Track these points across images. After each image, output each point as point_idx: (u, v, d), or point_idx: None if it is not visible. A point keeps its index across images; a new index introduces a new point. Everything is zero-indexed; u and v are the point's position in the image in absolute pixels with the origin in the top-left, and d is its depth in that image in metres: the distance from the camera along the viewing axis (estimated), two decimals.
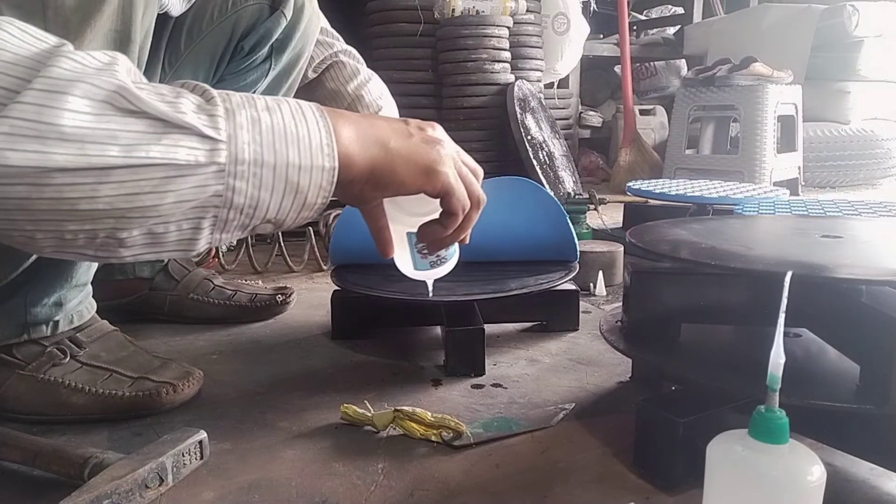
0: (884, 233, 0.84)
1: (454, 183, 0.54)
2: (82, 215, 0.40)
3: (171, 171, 0.40)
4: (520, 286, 0.94)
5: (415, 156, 0.52)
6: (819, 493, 0.41)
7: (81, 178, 0.38)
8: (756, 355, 0.45)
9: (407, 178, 0.51)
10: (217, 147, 0.42)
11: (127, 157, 0.39)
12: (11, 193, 0.38)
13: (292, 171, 0.45)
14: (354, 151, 0.49)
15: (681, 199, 1.60)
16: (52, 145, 0.37)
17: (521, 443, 0.70)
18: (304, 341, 1.02)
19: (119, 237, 0.42)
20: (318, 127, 0.47)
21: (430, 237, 0.58)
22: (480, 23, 2.20)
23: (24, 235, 0.40)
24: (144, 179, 0.40)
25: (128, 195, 0.40)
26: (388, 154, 0.50)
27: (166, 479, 0.60)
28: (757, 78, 2.47)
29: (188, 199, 0.42)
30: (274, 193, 0.45)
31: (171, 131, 0.41)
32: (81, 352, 0.77)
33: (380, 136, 0.51)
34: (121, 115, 0.39)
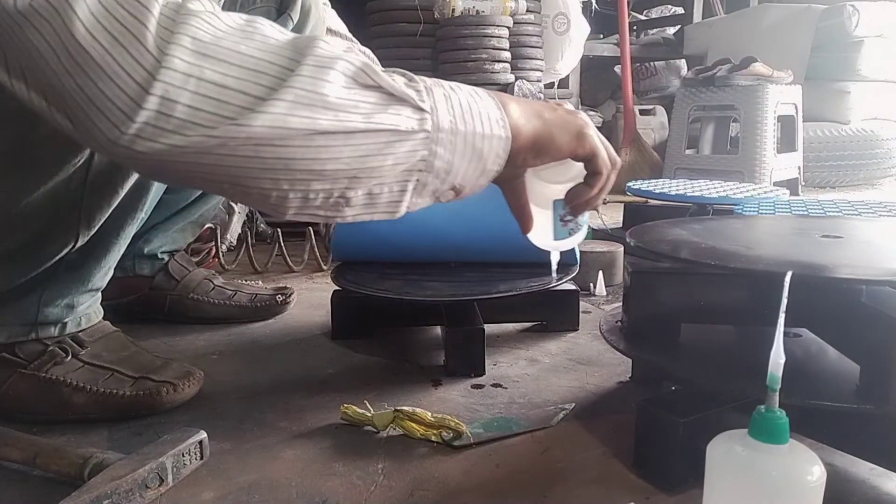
0: (884, 233, 0.84)
1: (600, 144, 0.60)
2: (327, 174, 0.46)
3: (394, 136, 0.47)
4: (520, 286, 0.94)
5: (566, 124, 0.58)
6: (819, 493, 0.41)
7: (333, 140, 0.45)
8: (756, 355, 0.45)
9: (563, 143, 0.57)
10: (424, 117, 0.49)
11: (366, 122, 0.46)
12: (284, 154, 0.44)
13: (478, 140, 0.51)
14: (521, 123, 0.54)
15: (681, 199, 1.60)
16: (319, 112, 0.44)
17: (521, 443, 0.70)
18: (304, 341, 1.02)
19: (348, 196, 0.49)
20: (491, 104, 0.53)
21: (577, 198, 0.63)
22: (480, 23, 2.20)
23: (280, 195, 0.47)
24: (374, 142, 0.47)
25: (362, 156, 0.47)
26: (546, 124, 0.56)
27: (166, 479, 0.60)
28: (757, 78, 2.47)
29: (402, 162, 0.49)
30: (463, 159, 0.51)
31: (394, 102, 0.48)
32: (83, 351, 0.77)
33: (535, 110, 0.57)
34: (362, 88, 0.47)
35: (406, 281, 0.97)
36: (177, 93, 0.41)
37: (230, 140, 0.43)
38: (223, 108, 0.42)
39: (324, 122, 0.44)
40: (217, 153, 0.43)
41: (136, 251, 1.07)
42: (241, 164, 0.44)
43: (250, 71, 0.43)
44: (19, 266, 0.70)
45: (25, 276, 0.71)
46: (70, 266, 0.74)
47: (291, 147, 0.44)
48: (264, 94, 0.43)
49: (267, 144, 0.44)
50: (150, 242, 1.07)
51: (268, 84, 0.43)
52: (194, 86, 0.42)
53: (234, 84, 0.43)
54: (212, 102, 0.42)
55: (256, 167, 0.45)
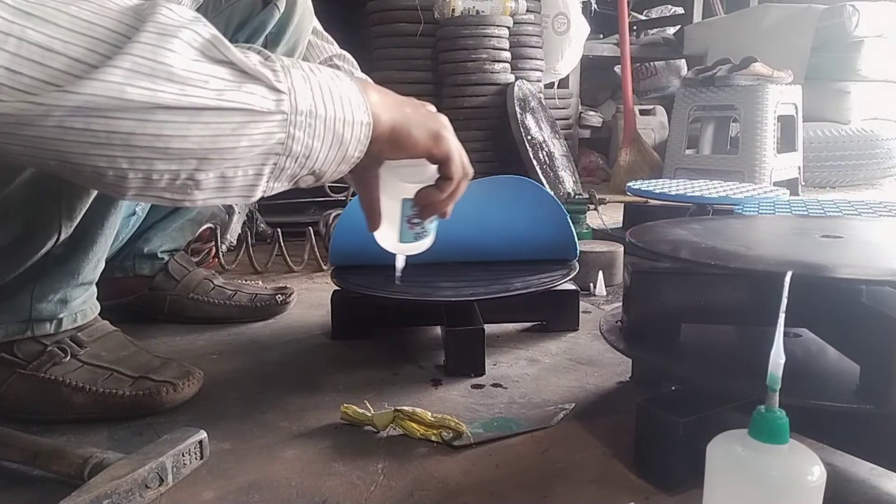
0: (884, 233, 0.84)
1: (455, 150, 0.59)
2: (173, 153, 0.43)
3: (248, 116, 0.44)
4: (520, 286, 0.94)
5: (426, 121, 0.57)
6: (819, 493, 0.41)
7: (178, 116, 0.42)
8: (756, 355, 0.45)
9: (419, 140, 0.56)
10: (281, 98, 0.46)
11: (217, 99, 0.43)
12: (119, 127, 0.40)
13: (339, 124, 0.50)
14: (380, 112, 0.53)
15: (681, 199, 1.60)
16: (161, 84, 0.40)
17: (521, 443, 0.70)
18: (304, 341, 1.02)
19: (197, 179, 0.45)
20: (353, 88, 0.52)
21: (426, 200, 0.62)
22: (480, 23, 2.20)
23: (117, 174, 0.43)
24: (226, 122, 0.44)
25: (212, 136, 0.43)
26: (406, 117, 0.55)
27: (166, 479, 0.60)
28: (757, 78, 2.47)
29: (258, 145, 0.46)
30: (324, 144, 0.49)
31: (249, 80, 0.44)
32: (82, 351, 0.77)
33: (397, 102, 0.56)
34: (211, 62, 0.43)
35: (406, 281, 0.97)
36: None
37: (55, 109, 0.39)
38: (48, 74, 0.38)
39: (166, 96, 0.41)
40: (39, 124, 0.39)
41: (136, 251, 1.07)
42: (69, 138, 0.40)
43: (81, 35, 0.39)
44: (7, 262, 0.70)
45: (14, 272, 0.71)
46: (58, 260, 0.73)
47: (129, 121, 0.40)
48: (97, 62, 0.39)
49: (99, 116, 0.40)
50: (150, 242, 1.07)
51: (102, 51, 0.39)
52: (14, 46, 0.37)
53: (62, 48, 0.38)
54: (34, 66, 0.38)
55: (88, 141, 0.40)
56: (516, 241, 1.06)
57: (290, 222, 1.70)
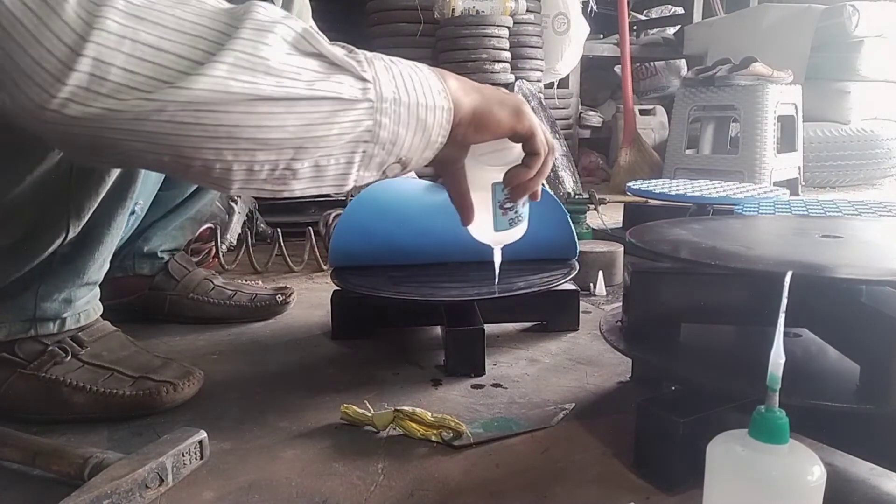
0: (884, 233, 0.84)
1: (538, 124, 0.60)
2: (272, 144, 0.45)
3: (338, 105, 0.46)
4: (523, 285, 0.94)
5: (505, 100, 0.58)
6: (819, 493, 0.41)
7: (276, 107, 0.44)
8: (756, 355, 0.45)
9: (502, 119, 0.57)
10: (367, 86, 0.48)
11: (309, 90, 0.45)
12: (226, 120, 0.43)
13: (422, 110, 0.51)
14: (460, 96, 0.55)
15: (681, 199, 1.60)
16: (260, 77, 0.43)
17: (521, 443, 0.70)
18: (304, 341, 1.02)
19: (294, 168, 0.48)
20: (432, 76, 0.53)
21: (516, 180, 0.63)
22: (480, 23, 2.20)
23: (224, 167, 0.45)
24: (318, 111, 0.46)
25: (306, 125, 0.46)
26: (485, 99, 0.57)
27: (166, 479, 0.60)
28: (757, 78, 2.47)
29: (347, 132, 0.48)
30: (409, 130, 0.51)
31: (337, 71, 0.47)
32: (83, 351, 0.77)
33: (475, 86, 0.57)
34: (303, 55, 0.45)
35: (406, 281, 0.97)
36: (111, 55, 0.40)
37: (169, 104, 0.41)
38: (160, 72, 0.41)
39: (266, 88, 0.43)
40: (155, 119, 0.41)
41: (136, 250, 1.07)
42: (181, 132, 0.42)
43: (187, 35, 0.42)
44: (13, 261, 0.70)
45: (20, 270, 0.71)
46: (64, 259, 0.74)
47: (234, 113, 0.43)
48: (202, 59, 0.42)
49: (207, 110, 0.42)
50: (150, 241, 1.07)
51: (206, 48, 0.42)
52: (129, 48, 0.40)
53: (171, 47, 0.41)
54: (148, 65, 0.40)
55: (197, 134, 0.43)
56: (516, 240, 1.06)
57: (290, 222, 1.70)
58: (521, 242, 1.07)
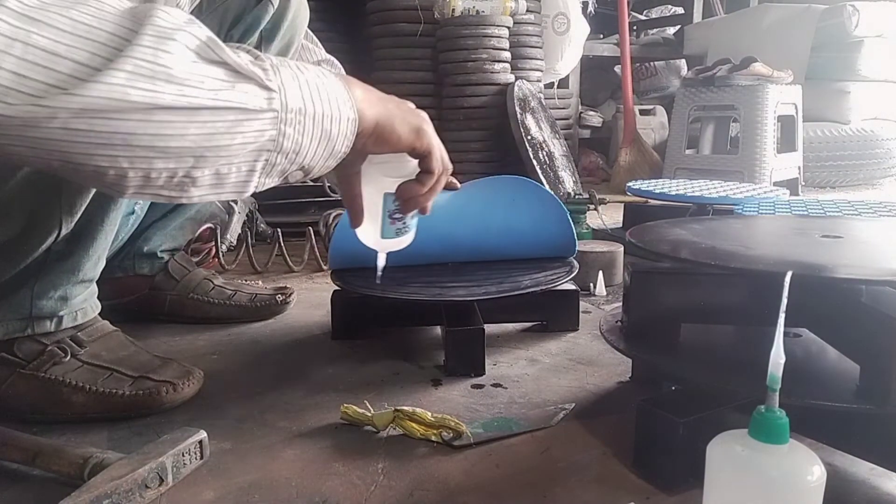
0: (884, 233, 0.84)
1: (437, 144, 0.62)
2: (171, 152, 0.44)
3: (242, 114, 0.46)
4: (520, 286, 0.94)
5: (408, 116, 0.59)
6: (819, 493, 0.41)
7: (177, 116, 0.43)
8: (756, 355, 0.45)
9: (402, 135, 0.58)
10: (272, 96, 0.47)
11: (213, 99, 0.44)
12: (121, 128, 0.42)
13: (326, 121, 0.51)
14: (364, 108, 0.55)
15: (681, 199, 1.60)
16: (160, 85, 0.42)
17: (521, 443, 0.70)
18: (304, 341, 1.02)
19: (193, 176, 0.47)
20: (339, 85, 0.53)
21: (407, 194, 0.64)
22: (480, 23, 2.20)
23: (118, 173, 0.44)
24: (222, 121, 0.45)
25: (208, 134, 0.45)
26: (389, 113, 0.57)
27: (166, 479, 0.60)
28: (757, 78, 2.47)
29: (251, 142, 0.47)
30: (312, 140, 0.51)
31: (241, 80, 0.46)
32: (82, 351, 0.77)
33: (380, 98, 0.58)
34: (206, 63, 0.44)
35: (411, 282, 0.97)
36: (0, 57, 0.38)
37: (61, 111, 0.40)
38: (53, 77, 0.39)
39: (167, 97, 0.42)
40: (46, 126, 0.40)
41: (136, 250, 1.07)
42: (73, 139, 0.41)
43: (84, 39, 0.40)
44: (7, 258, 0.70)
45: (15, 268, 0.71)
46: (59, 256, 0.74)
47: (131, 121, 0.42)
48: (100, 65, 0.40)
49: (102, 117, 0.41)
50: (149, 241, 1.07)
51: (104, 54, 0.40)
52: (20, 51, 0.38)
53: (66, 52, 0.39)
54: (40, 70, 0.39)
55: (91, 142, 0.41)
56: (515, 239, 1.07)
57: (290, 222, 1.70)
58: (521, 242, 1.08)
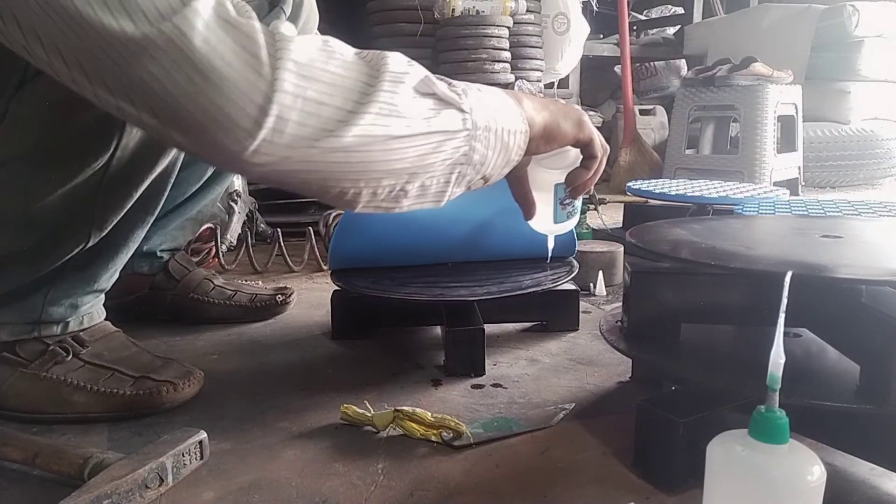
0: (884, 233, 0.84)
1: (595, 131, 0.68)
2: (395, 172, 0.53)
3: (445, 136, 0.54)
4: (521, 286, 0.94)
5: (567, 113, 0.66)
6: (819, 493, 0.41)
7: (402, 143, 0.52)
8: (756, 355, 0.45)
9: (567, 130, 0.65)
10: (466, 117, 0.55)
11: (427, 126, 0.53)
12: (367, 158, 0.51)
13: (506, 135, 0.59)
14: (533, 116, 0.62)
15: (681, 199, 1.60)
16: (394, 120, 0.51)
17: (521, 443, 0.70)
18: (304, 341, 1.02)
19: (406, 189, 0.55)
20: (511, 102, 0.60)
21: (577, 180, 0.71)
22: (480, 23, 2.20)
23: (356, 192, 0.53)
24: (432, 142, 0.53)
25: (422, 155, 0.53)
26: (552, 115, 0.64)
27: (166, 479, 0.60)
28: (757, 78, 2.47)
29: (449, 158, 0.55)
30: (495, 152, 0.58)
31: (445, 106, 0.54)
32: (84, 350, 0.77)
33: (542, 103, 0.65)
34: (422, 96, 0.53)
35: (406, 281, 0.97)
36: (288, 112, 0.46)
37: (329, 150, 0.49)
38: (323, 122, 0.48)
39: (397, 129, 0.51)
40: (315, 160, 0.49)
41: (136, 250, 1.07)
42: (332, 169, 0.50)
43: (339, 87, 0.49)
44: (30, 265, 0.71)
45: (35, 274, 0.72)
46: (77, 266, 0.74)
47: (373, 151, 0.50)
48: (353, 108, 0.49)
49: (355, 151, 0.50)
50: (149, 240, 1.07)
51: (355, 99, 0.49)
52: (301, 104, 0.47)
53: (329, 100, 0.48)
54: (314, 118, 0.47)
55: (344, 170, 0.50)
56: (515, 239, 1.06)
57: (290, 222, 1.70)
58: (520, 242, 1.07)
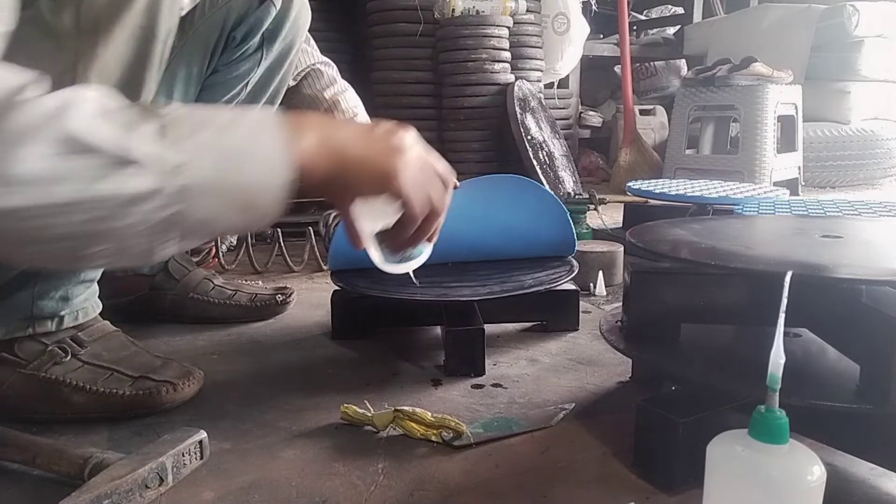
0: (884, 233, 0.84)
1: (411, 192, 0.56)
2: (60, 237, 0.44)
3: (125, 199, 0.43)
4: (523, 286, 0.94)
5: (373, 164, 0.54)
6: (819, 493, 0.41)
7: (49, 211, 0.42)
8: (756, 355, 0.45)
9: (365, 186, 0.54)
10: (164, 179, 0.44)
11: (88, 189, 0.42)
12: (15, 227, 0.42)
13: (243, 191, 0.47)
14: (312, 161, 0.50)
15: (681, 199, 1.60)
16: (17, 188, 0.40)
17: (521, 443, 0.70)
18: (304, 341, 1.02)
19: (91, 251, 0.46)
20: (275, 143, 0.49)
21: (390, 239, 0.61)
22: (480, 23, 2.20)
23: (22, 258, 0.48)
24: (102, 208, 0.43)
25: (94, 219, 0.43)
26: (346, 164, 0.53)
27: (166, 479, 0.60)
28: (757, 78, 2.47)
29: (148, 220, 0.45)
30: (228, 209, 0.48)
31: (121, 166, 0.43)
32: (83, 351, 0.77)
33: (340, 145, 0.53)
34: (77, 155, 0.42)
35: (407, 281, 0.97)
36: None
37: None
38: None
39: (18, 199, 0.41)
40: None
41: None
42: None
43: None
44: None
45: (16, 269, 0.71)
46: None
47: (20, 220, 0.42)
48: None
49: None
50: None
51: None
52: None
53: None
54: None
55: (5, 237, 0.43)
56: (515, 239, 1.07)
57: (290, 222, 1.70)
58: (521, 242, 1.07)
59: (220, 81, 0.89)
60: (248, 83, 0.91)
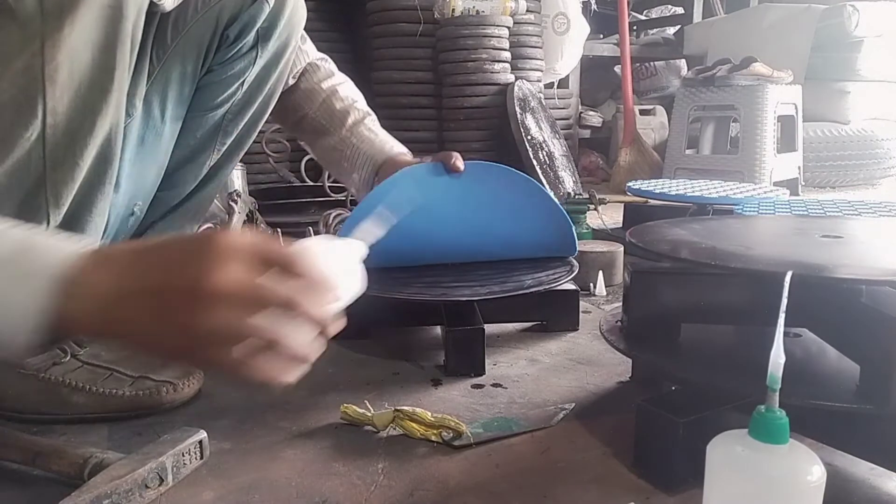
0: (884, 233, 0.84)
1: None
2: None
3: None
4: (523, 286, 0.94)
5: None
6: (819, 493, 0.41)
7: None
8: (756, 355, 0.45)
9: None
10: None
11: None
12: None
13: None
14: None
15: (681, 199, 1.60)
16: None
17: (521, 443, 0.70)
18: None
19: None
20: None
21: None
22: (480, 23, 2.20)
23: None
24: None
25: None
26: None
27: (166, 479, 0.60)
28: (757, 78, 2.47)
29: None
30: None
31: None
32: (82, 351, 0.77)
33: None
34: None
35: (408, 281, 0.97)
36: None
37: None
38: None
39: None
40: None
41: None
42: None
43: None
44: None
45: None
46: None
47: None
48: None
49: None
50: None
51: None
52: None
53: None
54: None
55: None
56: (515, 239, 1.06)
57: (290, 222, 1.70)
58: (520, 242, 1.07)
59: (216, 81, 0.89)
60: (243, 82, 0.90)
